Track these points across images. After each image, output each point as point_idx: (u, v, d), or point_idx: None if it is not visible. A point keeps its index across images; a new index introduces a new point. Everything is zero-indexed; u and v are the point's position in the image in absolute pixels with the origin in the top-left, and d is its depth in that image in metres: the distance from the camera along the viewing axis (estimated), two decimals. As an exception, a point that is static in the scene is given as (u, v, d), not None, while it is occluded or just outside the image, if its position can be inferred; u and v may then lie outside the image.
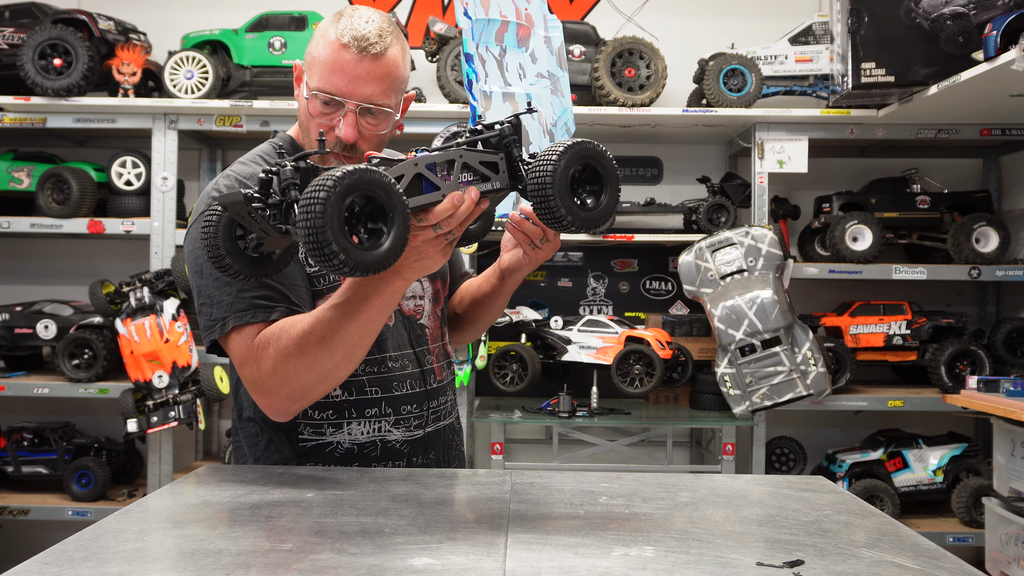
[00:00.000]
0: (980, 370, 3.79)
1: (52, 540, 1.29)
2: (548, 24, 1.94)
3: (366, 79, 1.76)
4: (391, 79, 1.79)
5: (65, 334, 3.91)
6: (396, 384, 1.87)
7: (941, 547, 1.31)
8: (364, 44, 1.74)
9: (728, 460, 3.82)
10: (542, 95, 1.79)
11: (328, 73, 1.77)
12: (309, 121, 1.84)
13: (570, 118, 1.90)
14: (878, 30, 3.54)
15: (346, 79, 1.76)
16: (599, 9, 4.51)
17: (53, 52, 3.77)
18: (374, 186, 1.29)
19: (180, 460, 4.20)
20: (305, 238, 1.25)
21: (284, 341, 1.63)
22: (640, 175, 4.54)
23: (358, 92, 1.77)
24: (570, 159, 1.43)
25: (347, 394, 1.85)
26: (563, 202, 1.42)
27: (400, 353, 1.88)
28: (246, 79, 3.99)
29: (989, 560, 3.34)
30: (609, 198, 1.49)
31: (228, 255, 1.48)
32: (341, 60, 1.75)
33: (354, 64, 1.75)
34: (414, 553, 1.22)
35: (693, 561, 1.20)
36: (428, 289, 1.98)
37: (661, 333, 3.94)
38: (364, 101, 1.78)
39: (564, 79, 1.89)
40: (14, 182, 4.04)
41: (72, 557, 1.19)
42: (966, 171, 4.48)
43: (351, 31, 1.75)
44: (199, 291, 1.74)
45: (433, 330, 1.97)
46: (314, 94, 1.79)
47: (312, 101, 1.80)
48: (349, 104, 1.78)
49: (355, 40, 1.74)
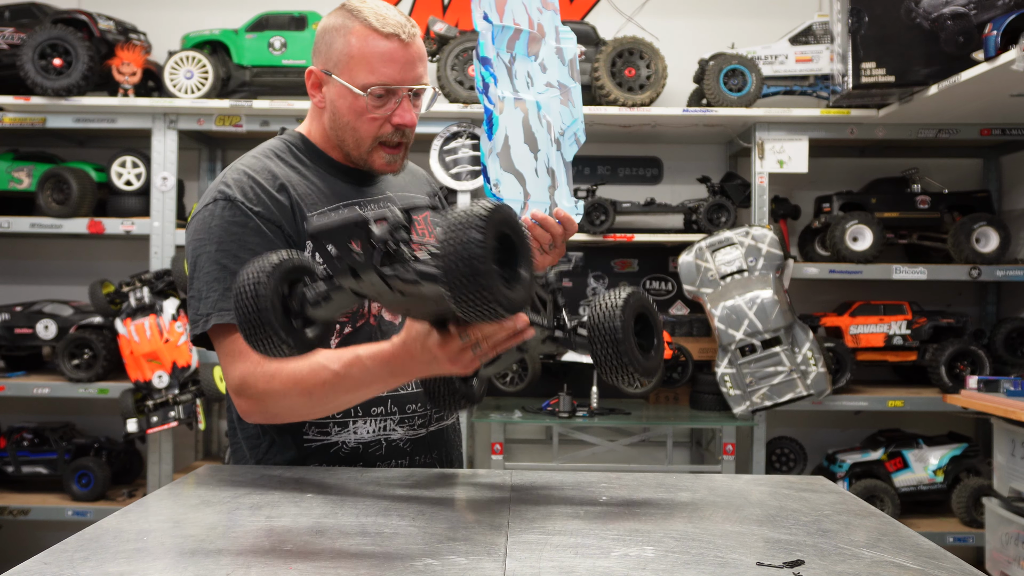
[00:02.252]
0: (980, 370, 3.79)
1: (52, 540, 1.29)
2: (561, 35, 1.95)
3: (414, 62, 1.81)
4: (425, 60, 1.86)
5: (65, 334, 3.91)
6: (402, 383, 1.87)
7: (941, 547, 1.31)
8: (407, 30, 1.79)
9: (728, 460, 3.82)
10: (551, 104, 1.81)
11: (380, 65, 1.78)
12: (359, 119, 1.82)
13: (580, 128, 1.90)
14: (878, 30, 3.53)
15: (398, 67, 1.79)
16: (599, 9, 4.51)
17: (53, 52, 3.77)
18: (513, 226, 1.23)
19: (180, 460, 4.20)
20: (456, 275, 1.13)
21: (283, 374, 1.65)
22: (640, 175, 4.54)
23: (410, 76, 1.81)
24: (631, 311, 1.42)
25: None
26: (632, 354, 1.41)
27: None
28: (246, 79, 3.98)
29: (989, 560, 3.34)
30: (659, 344, 1.51)
31: (276, 320, 1.27)
32: (391, 50, 1.78)
33: (403, 51, 1.79)
34: (414, 553, 1.22)
35: (693, 561, 1.20)
36: None
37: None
38: (416, 83, 1.82)
39: (576, 90, 1.87)
40: (14, 182, 4.04)
41: (72, 557, 1.19)
42: (966, 171, 4.48)
43: (385, 21, 1.78)
44: (191, 284, 1.75)
45: None
46: (370, 90, 1.79)
47: (366, 98, 1.79)
48: (402, 90, 1.80)
49: (399, 28, 1.78)
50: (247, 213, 1.72)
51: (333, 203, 1.85)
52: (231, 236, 1.71)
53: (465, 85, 3.85)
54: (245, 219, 1.72)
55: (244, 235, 1.71)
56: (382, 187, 1.98)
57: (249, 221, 1.72)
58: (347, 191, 1.90)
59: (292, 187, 1.80)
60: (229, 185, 1.76)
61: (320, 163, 1.91)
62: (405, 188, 2.06)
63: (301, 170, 1.89)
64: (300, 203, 1.78)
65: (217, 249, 1.71)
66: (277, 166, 1.86)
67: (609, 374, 1.44)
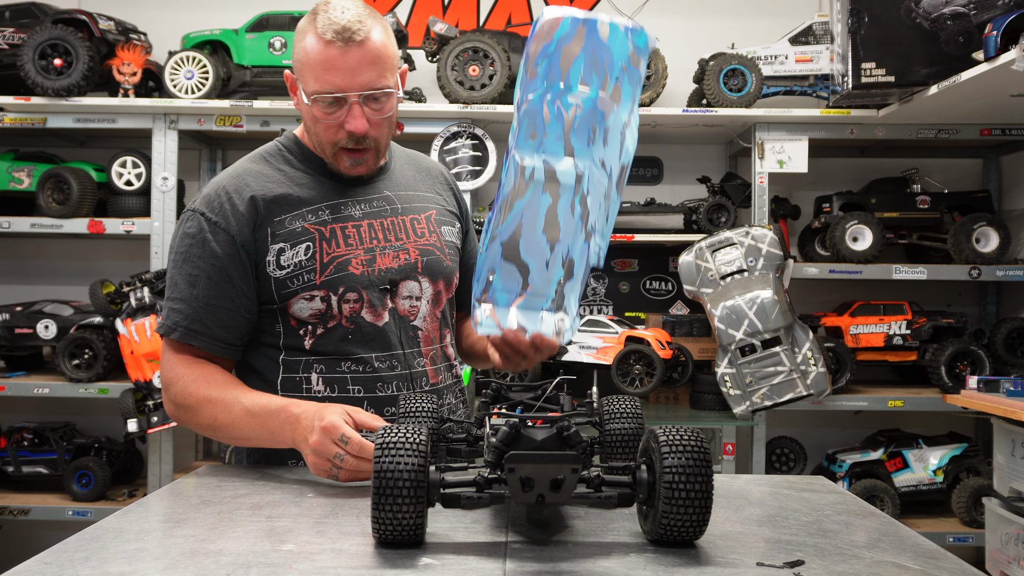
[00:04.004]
0: (980, 370, 3.79)
1: (52, 540, 1.29)
2: (633, 115, 1.40)
3: (360, 68, 1.76)
4: (382, 59, 1.80)
5: (65, 334, 3.91)
6: (381, 385, 1.87)
7: (941, 547, 1.31)
8: (347, 35, 1.74)
9: (728, 460, 3.82)
10: (596, 188, 1.36)
11: (322, 73, 1.77)
12: (316, 126, 1.85)
13: (603, 252, 1.41)
14: (878, 30, 3.53)
15: (341, 74, 1.76)
16: (599, 9, 4.51)
17: (53, 52, 3.77)
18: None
19: (180, 460, 4.20)
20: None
21: (194, 390, 1.81)
22: (640, 175, 4.54)
23: (356, 82, 1.77)
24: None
25: (329, 391, 1.86)
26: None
27: (388, 354, 1.88)
28: (246, 79, 3.98)
29: (989, 560, 3.34)
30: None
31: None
32: (330, 57, 1.75)
33: (344, 57, 1.75)
34: (414, 553, 1.22)
35: (693, 561, 1.20)
36: (428, 289, 1.96)
37: (661, 333, 3.94)
38: (364, 89, 1.78)
39: (615, 203, 1.41)
40: (14, 182, 4.04)
41: (72, 557, 1.19)
42: (966, 171, 4.48)
43: (330, 25, 1.75)
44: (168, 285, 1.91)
45: (429, 332, 1.95)
46: (315, 98, 1.79)
47: (314, 106, 1.80)
48: (352, 97, 1.78)
49: (337, 33, 1.74)
50: (203, 226, 1.83)
51: (316, 204, 1.88)
52: (190, 250, 1.84)
53: (465, 85, 3.85)
54: (202, 233, 1.83)
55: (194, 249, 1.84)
56: (380, 187, 1.98)
57: (205, 235, 1.83)
58: (333, 192, 1.91)
59: (265, 194, 1.85)
60: (200, 198, 1.88)
61: (310, 165, 1.93)
62: (412, 187, 2.05)
63: (288, 172, 1.92)
64: (268, 210, 1.84)
65: (184, 262, 1.85)
66: (262, 170, 1.91)
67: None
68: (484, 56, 3.86)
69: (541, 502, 1.20)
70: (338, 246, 1.86)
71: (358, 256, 1.87)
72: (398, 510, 1.18)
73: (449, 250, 2.02)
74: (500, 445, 1.20)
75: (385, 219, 1.93)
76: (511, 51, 3.94)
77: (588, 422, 1.57)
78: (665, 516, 1.20)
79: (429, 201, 2.05)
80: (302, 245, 1.83)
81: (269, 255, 1.83)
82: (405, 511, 1.18)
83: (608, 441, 1.54)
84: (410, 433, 1.20)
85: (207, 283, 1.82)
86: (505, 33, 4.05)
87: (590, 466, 1.26)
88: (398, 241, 1.93)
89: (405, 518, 1.18)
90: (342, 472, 1.61)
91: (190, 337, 1.82)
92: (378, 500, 1.17)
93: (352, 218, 1.90)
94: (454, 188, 2.17)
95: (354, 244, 1.87)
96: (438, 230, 2.01)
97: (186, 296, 1.83)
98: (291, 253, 1.83)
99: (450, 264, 2.01)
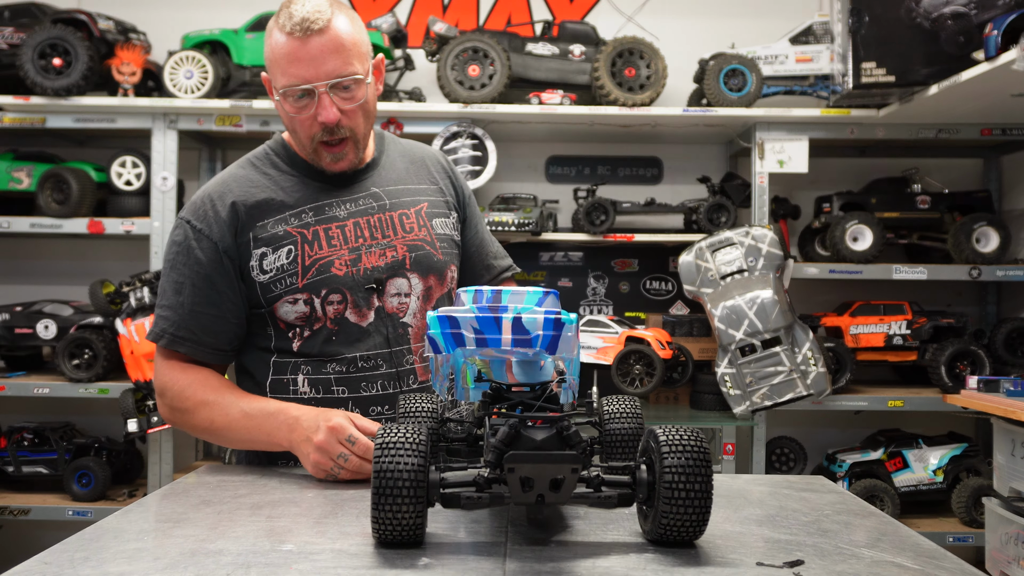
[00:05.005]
0: (980, 370, 3.79)
1: (52, 540, 1.29)
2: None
3: (322, 57, 1.77)
4: (347, 47, 1.80)
5: (65, 334, 3.91)
6: (365, 384, 1.86)
7: (941, 547, 1.31)
8: (306, 25, 1.76)
9: (728, 460, 3.82)
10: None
11: (287, 67, 1.79)
12: (292, 123, 1.87)
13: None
14: (878, 30, 3.53)
15: (304, 65, 1.77)
16: (599, 9, 4.51)
17: (53, 52, 3.77)
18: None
19: (180, 460, 4.20)
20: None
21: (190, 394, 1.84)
22: (640, 175, 4.54)
23: (321, 72, 1.78)
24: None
25: (314, 392, 1.86)
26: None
27: (374, 352, 1.88)
28: (246, 79, 3.98)
29: (989, 560, 3.34)
30: None
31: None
32: (292, 49, 1.77)
33: (304, 47, 1.77)
34: (414, 553, 1.22)
35: (693, 561, 1.20)
36: (418, 285, 1.94)
37: (661, 333, 3.94)
38: (330, 78, 1.79)
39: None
40: (14, 182, 4.04)
41: (72, 557, 1.19)
42: (966, 171, 4.48)
43: (290, 20, 1.77)
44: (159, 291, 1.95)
45: (420, 328, 1.93)
46: (283, 93, 1.81)
47: (285, 101, 1.82)
48: (318, 87, 1.78)
49: (296, 25, 1.76)
50: (188, 234, 1.87)
51: (300, 207, 1.89)
52: (176, 258, 1.88)
53: (465, 85, 3.85)
54: (187, 241, 1.86)
55: (180, 256, 1.87)
56: (367, 184, 1.97)
57: (191, 243, 1.86)
58: (319, 194, 1.92)
59: (246, 200, 1.87)
60: (188, 205, 1.92)
61: (296, 167, 1.95)
62: (402, 180, 2.02)
63: (274, 176, 1.93)
64: (249, 215, 1.86)
65: (171, 269, 1.88)
66: (247, 175, 1.94)
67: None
68: (484, 56, 3.86)
69: (541, 502, 1.20)
70: (321, 248, 1.86)
71: (342, 257, 1.87)
72: (398, 510, 1.18)
73: (442, 243, 2.00)
74: (500, 445, 1.20)
75: (372, 216, 1.93)
76: (511, 51, 3.95)
77: (588, 422, 1.57)
78: (665, 516, 1.21)
79: (420, 194, 2.03)
80: (284, 249, 1.85)
81: (252, 260, 1.85)
82: (405, 511, 1.18)
83: (608, 441, 1.54)
84: (410, 433, 1.21)
85: (192, 290, 1.84)
86: (505, 33, 4.05)
87: (590, 466, 1.27)
88: (385, 238, 1.92)
89: (405, 518, 1.19)
90: (343, 472, 1.63)
91: (176, 343, 1.85)
92: (378, 500, 1.18)
93: (336, 219, 1.90)
94: (451, 174, 2.15)
95: (338, 245, 1.88)
96: (428, 224, 1.99)
97: (172, 303, 1.85)
98: (273, 257, 1.85)
99: (442, 258, 1.99)
